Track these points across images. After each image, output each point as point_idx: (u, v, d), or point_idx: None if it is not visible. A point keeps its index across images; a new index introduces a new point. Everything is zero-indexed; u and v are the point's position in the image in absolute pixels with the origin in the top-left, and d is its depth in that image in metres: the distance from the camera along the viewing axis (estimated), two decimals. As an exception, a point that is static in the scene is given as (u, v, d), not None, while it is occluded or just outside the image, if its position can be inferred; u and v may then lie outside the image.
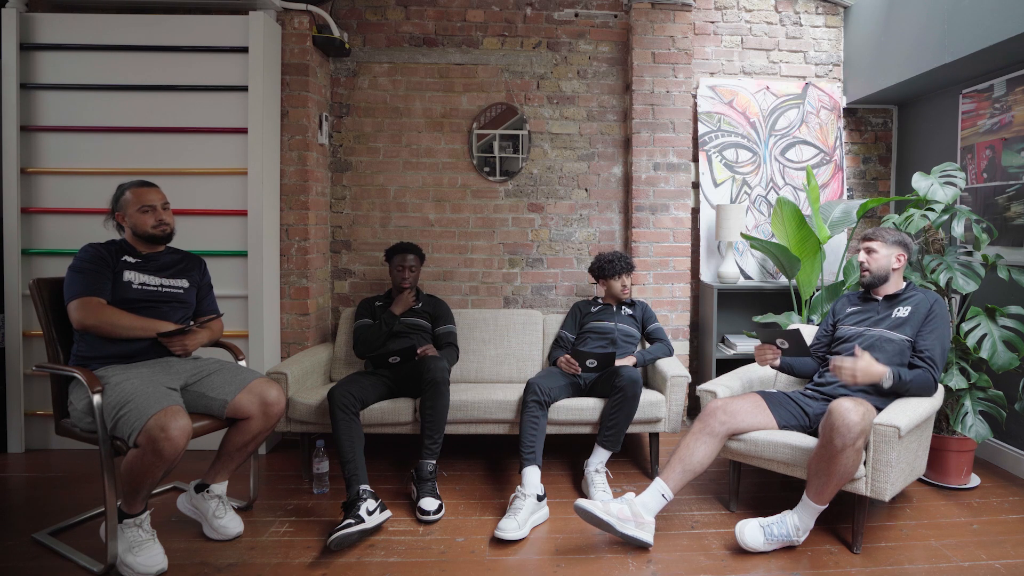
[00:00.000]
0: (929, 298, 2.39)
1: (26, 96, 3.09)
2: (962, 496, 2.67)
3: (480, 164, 3.67)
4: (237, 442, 2.28)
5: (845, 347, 2.45)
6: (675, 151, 3.58)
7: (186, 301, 2.40)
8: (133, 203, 2.30)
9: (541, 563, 2.14)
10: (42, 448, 3.16)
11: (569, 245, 3.74)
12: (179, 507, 2.38)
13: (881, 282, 2.46)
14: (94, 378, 2.05)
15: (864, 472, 2.14)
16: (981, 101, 3.08)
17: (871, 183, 3.86)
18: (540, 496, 2.41)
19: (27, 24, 3.06)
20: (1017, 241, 2.89)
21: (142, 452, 1.92)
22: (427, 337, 3.06)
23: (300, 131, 3.29)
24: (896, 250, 2.44)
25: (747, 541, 2.17)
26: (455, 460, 3.05)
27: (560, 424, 2.75)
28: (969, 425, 2.58)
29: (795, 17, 3.80)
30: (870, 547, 2.23)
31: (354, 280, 3.70)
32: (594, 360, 2.71)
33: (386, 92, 3.66)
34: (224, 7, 3.22)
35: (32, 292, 2.25)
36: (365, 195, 3.68)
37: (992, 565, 2.12)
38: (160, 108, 3.11)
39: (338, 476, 2.67)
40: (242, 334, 3.09)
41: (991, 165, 3.02)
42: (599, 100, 3.71)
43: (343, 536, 2.13)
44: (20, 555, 2.16)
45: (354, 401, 2.54)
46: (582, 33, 3.69)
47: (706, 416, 2.33)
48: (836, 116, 3.77)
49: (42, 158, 3.12)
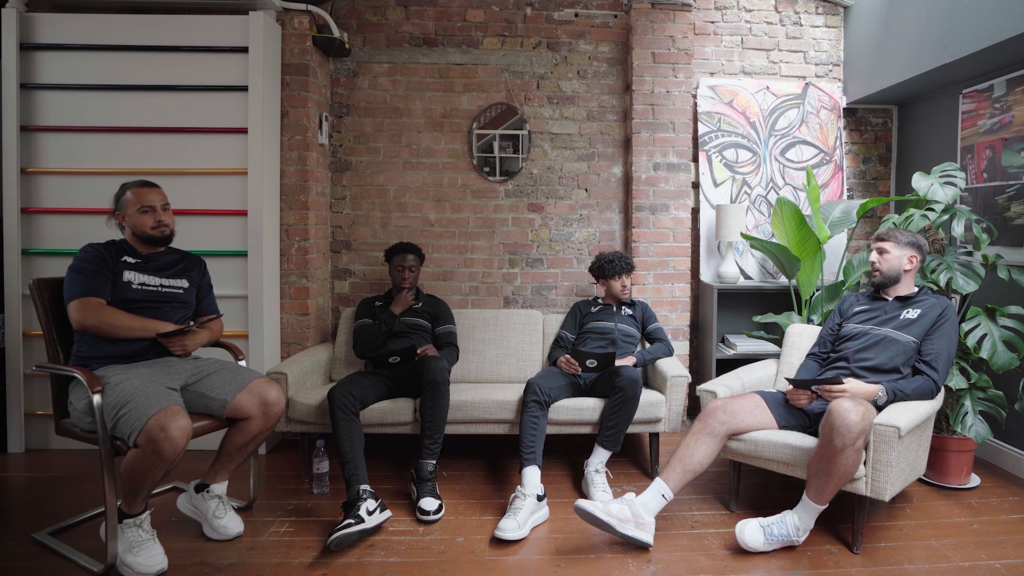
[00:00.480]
0: (941, 303, 2.38)
1: (26, 96, 3.09)
2: (962, 496, 2.67)
3: (480, 164, 3.67)
4: (237, 442, 2.28)
5: (849, 344, 2.44)
6: (675, 151, 3.58)
7: (186, 301, 2.40)
8: (133, 203, 2.30)
9: (541, 563, 2.14)
10: (42, 448, 3.16)
11: (569, 245, 3.74)
12: (179, 507, 2.38)
13: (892, 283, 2.45)
14: (94, 378, 2.05)
15: (864, 472, 2.14)
16: (981, 101, 3.08)
17: (871, 183, 3.86)
18: (540, 496, 2.41)
19: (27, 24, 3.06)
20: (1017, 241, 2.89)
21: (142, 452, 1.92)
22: (427, 337, 3.06)
23: (300, 131, 3.29)
24: (908, 251, 2.43)
25: (747, 541, 2.17)
26: (455, 460, 3.05)
27: (560, 424, 2.75)
28: (969, 425, 2.58)
29: (795, 17, 3.80)
30: (870, 547, 2.23)
31: (354, 280, 3.70)
32: (594, 360, 2.71)
33: (386, 92, 3.66)
34: (224, 7, 3.22)
35: (32, 292, 2.25)
36: (365, 195, 3.68)
37: (992, 565, 2.12)
38: (160, 108, 3.11)
39: (338, 476, 2.67)
40: (242, 334, 3.09)
41: (991, 165, 3.02)
42: (599, 100, 3.71)
43: (343, 536, 2.13)
44: (20, 555, 2.16)
45: (354, 401, 2.54)
46: (582, 33, 3.69)
47: (706, 416, 2.33)
48: (836, 116, 3.77)
49: (42, 158, 3.12)
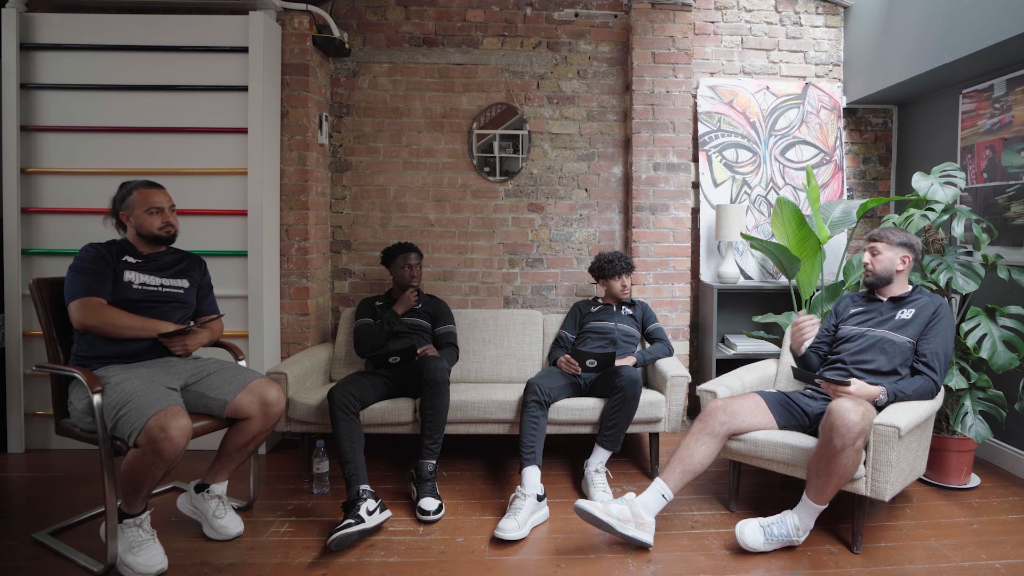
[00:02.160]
0: (935, 302, 2.38)
1: (26, 96, 3.09)
2: (962, 496, 2.67)
3: (480, 164, 3.67)
4: (237, 442, 2.28)
5: (847, 347, 2.44)
6: (675, 151, 3.58)
7: (186, 301, 2.40)
8: (140, 204, 2.30)
9: (541, 563, 2.14)
10: (42, 448, 3.16)
11: (569, 245, 3.74)
12: (179, 507, 2.38)
13: (885, 283, 2.45)
14: (94, 378, 2.05)
15: (864, 472, 2.14)
16: (981, 101, 3.08)
17: (871, 183, 3.86)
18: (540, 496, 2.41)
19: (27, 24, 3.06)
20: (1017, 241, 2.89)
21: (142, 452, 1.92)
22: (427, 337, 3.06)
23: (300, 131, 3.29)
24: (901, 251, 2.42)
25: (747, 541, 2.17)
26: (455, 460, 3.05)
27: (560, 424, 2.75)
28: (969, 425, 2.58)
29: (795, 17, 3.80)
30: (870, 547, 2.23)
31: (354, 280, 3.70)
32: (594, 360, 2.71)
33: (386, 92, 3.66)
34: (224, 7, 3.22)
35: (32, 292, 2.25)
36: (365, 195, 3.68)
37: (992, 565, 2.12)
38: (160, 108, 3.11)
39: (338, 476, 2.67)
40: (242, 334, 3.09)
41: (991, 165, 3.02)
42: (599, 100, 3.71)
43: (343, 536, 2.13)
44: (20, 555, 2.16)
45: (354, 401, 2.54)
46: (582, 33, 3.69)
47: (706, 416, 2.33)
48: (836, 116, 3.77)
49: (42, 158, 3.12)
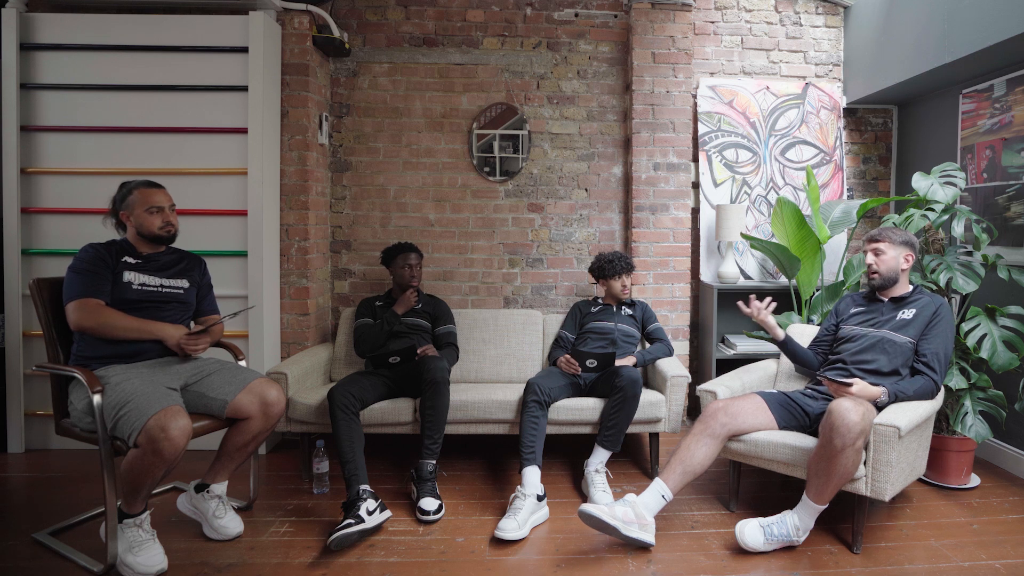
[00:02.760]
0: (935, 302, 2.38)
1: (26, 96, 3.09)
2: (962, 496, 2.67)
3: (480, 164, 3.67)
4: (237, 442, 2.28)
5: (847, 347, 2.44)
6: (675, 151, 3.58)
7: (186, 301, 2.40)
8: (140, 203, 2.29)
9: (541, 563, 2.14)
10: (42, 448, 3.16)
11: (569, 245, 3.74)
12: (179, 507, 2.38)
13: (891, 284, 2.45)
14: (94, 378, 2.05)
15: (864, 472, 2.14)
16: (981, 101, 3.08)
17: (871, 183, 3.86)
18: (540, 496, 2.41)
19: (27, 24, 3.06)
20: (1017, 241, 2.89)
21: (142, 452, 1.92)
22: (427, 337, 3.06)
23: (300, 131, 3.28)
24: (904, 250, 2.42)
25: (747, 541, 2.17)
26: (455, 460, 3.05)
27: (560, 424, 2.75)
28: (969, 425, 2.58)
29: (795, 17, 3.80)
30: (870, 547, 2.23)
31: (354, 280, 3.70)
32: (594, 360, 2.71)
33: (386, 92, 3.66)
34: (224, 7, 3.22)
35: (32, 292, 2.25)
36: (365, 195, 3.68)
37: (992, 565, 2.12)
38: (160, 108, 3.11)
39: (338, 476, 2.67)
40: (242, 334, 3.09)
41: (991, 165, 3.02)
42: (599, 100, 3.71)
43: (343, 536, 2.13)
44: (20, 555, 2.16)
45: (354, 401, 2.54)
46: (582, 33, 3.69)
47: (707, 417, 2.33)
48: (836, 116, 3.77)
49: (42, 158, 3.12)
